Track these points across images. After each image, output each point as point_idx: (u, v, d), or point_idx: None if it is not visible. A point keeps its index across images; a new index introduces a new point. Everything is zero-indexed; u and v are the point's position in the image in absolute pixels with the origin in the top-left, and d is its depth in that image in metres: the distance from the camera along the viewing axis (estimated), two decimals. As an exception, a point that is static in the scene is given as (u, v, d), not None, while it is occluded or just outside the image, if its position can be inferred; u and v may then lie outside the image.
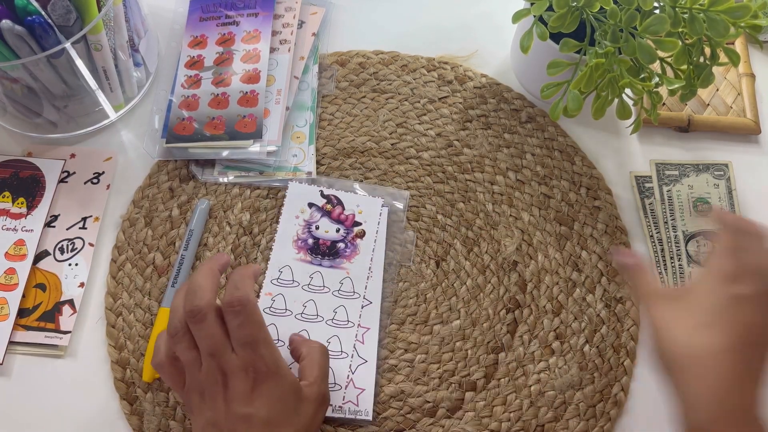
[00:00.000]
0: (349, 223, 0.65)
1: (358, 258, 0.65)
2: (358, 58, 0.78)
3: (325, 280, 0.64)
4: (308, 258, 0.64)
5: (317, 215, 0.66)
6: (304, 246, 0.65)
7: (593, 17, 0.59)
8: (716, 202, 0.70)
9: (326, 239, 0.65)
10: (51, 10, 0.60)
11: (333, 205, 0.66)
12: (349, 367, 0.61)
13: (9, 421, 0.60)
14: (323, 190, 0.67)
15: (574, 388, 0.62)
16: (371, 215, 0.66)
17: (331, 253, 0.65)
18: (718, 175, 0.71)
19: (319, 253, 0.65)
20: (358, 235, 0.65)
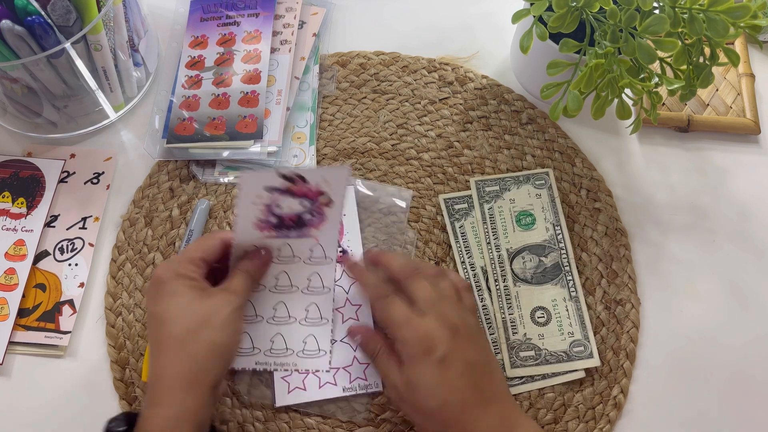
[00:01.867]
0: (313, 195, 0.58)
1: (327, 225, 0.59)
2: (359, 58, 0.78)
3: (294, 250, 0.60)
4: (273, 234, 0.59)
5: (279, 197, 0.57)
6: (267, 225, 0.58)
7: (593, 17, 0.59)
8: (539, 213, 0.68)
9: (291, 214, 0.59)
10: (51, 10, 0.60)
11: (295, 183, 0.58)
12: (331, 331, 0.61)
13: (9, 421, 0.60)
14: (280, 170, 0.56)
15: (574, 390, 0.62)
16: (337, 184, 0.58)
17: (298, 224, 0.59)
18: (539, 185, 0.69)
19: (284, 227, 0.59)
20: (324, 203, 0.59)
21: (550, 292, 0.65)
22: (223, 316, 0.52)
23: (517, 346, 0.63)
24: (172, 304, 0.52)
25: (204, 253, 0.56)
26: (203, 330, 0.51)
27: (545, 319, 0.64)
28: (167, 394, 0.50)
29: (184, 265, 0.54)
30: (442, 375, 0.51)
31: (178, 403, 0.49)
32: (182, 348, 0.51)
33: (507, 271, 0.66)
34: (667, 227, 0.70)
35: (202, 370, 0.51)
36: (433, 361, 0.51)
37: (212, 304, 0.52)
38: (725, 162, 0.73)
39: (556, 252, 0.66)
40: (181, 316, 0.52)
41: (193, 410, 0.50)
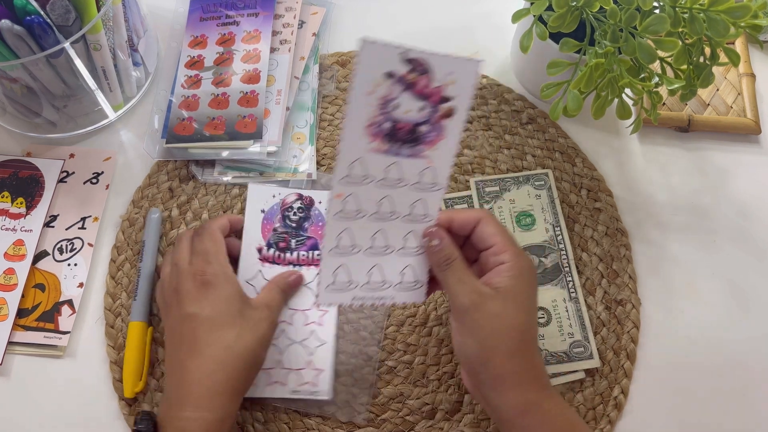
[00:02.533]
0: (435, 99, 0.51)
1: (443, 144, 0.53)
2: (359, 58, 0.78)
3: (403, 172, 0.53)
4: (384, 147, 0.52)
5: (397, 89, 0.50)
6: (379, 132, 0.51)
7: (593, 17, 0.59)
8: (539, 213, 0.68)
9: (406, 121, 0.51)
10: (50, 10, 0.59)
11: (419, 73, 0.50)
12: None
13: (8, 422, 0.60)
14: (407, 52, 0.49)
15: (575, 390, 0.62)
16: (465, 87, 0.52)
17: (412, 138, 0.52)
18: (538, 186, 0.69)
19: (397, 139, 0.52)
20: (445, 114, 0.52)
21: (550, 292, 0.65)
22: (263, 331, 0.55)
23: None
24: (221, 310, 0.54)
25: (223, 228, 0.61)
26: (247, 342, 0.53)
27: (545, 320, 0.64)
28: (209, 398, 0.51)
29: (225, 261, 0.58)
30: (534, 298, 0.53)
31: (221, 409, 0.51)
32: (228, 354, 0.52)
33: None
34: (667, 227, 0.70)
35: (242, 380, 0.53)
36: (535, 281, 0.53)
37: (257, 318, 0.55)
38: (726, 162, 0.73)
39: (555, 253, 0.66)
40: (228, 324, 0.54)
41: (232, 415, 0.52)
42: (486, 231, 0.54)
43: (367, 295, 0.55)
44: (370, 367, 0.62)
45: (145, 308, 0.62)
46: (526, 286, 0.52)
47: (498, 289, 0.51)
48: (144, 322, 0.62)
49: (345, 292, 0.55)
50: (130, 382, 0.59)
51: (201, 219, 0.68)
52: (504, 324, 0.50)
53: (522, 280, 0.52)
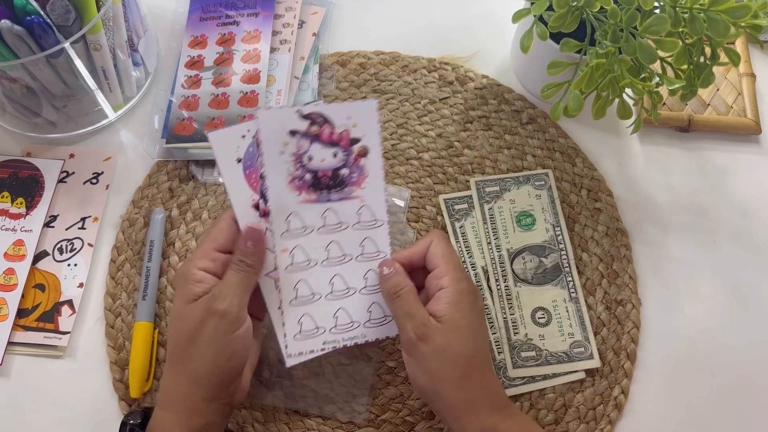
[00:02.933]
0: (345, 143, 0.54)
1: (369, 181, 0.56)
2: (359, 58, 0.78)
3: (340, 215, 0.56)
4: (313, 197, 0.55)
5: (305, 143, 0.54)
6: (303, 184, 0.54)
7: (593, 17, 0.59)
8: (539, 213, 0.68)
9: (325, 169, 0.55)
10: (50, 10, 0.59)
11: (319, 125, 0.54)
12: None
13: (9, 421, 0.60)
14: (301, 110, 0.53)
15: (575, 391, 0.62)
16: (369, 125, 0.55)
17: (337, 183, 0.55)
18: (539, 186, 0.69)
19: (322, 187, 0.55)
20: (360, 154, 0.55)
21: (551, 292, 0.65)
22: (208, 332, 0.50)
23: (518, 346, 0.63)
24: (172, 313, 0.53)
25: (214, 242, 0.54)
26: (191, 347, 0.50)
27: (546, 320, 0.64)
28: (167, 400, 0.51)
29: (195, 261, 0.52)
30: (481, 322, 0.54)
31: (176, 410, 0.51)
32: (176, 360, 0.52)
33: (507, 272, 0.65)
34: (667, 227, 0.70)
35: (195, 384, 0.50)
36: (478, 307, 0.53)
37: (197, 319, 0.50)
38: (726, 162, 0.73)
39: (556, 253, 0.66)
40: (173, 327, 0.52)
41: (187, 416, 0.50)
42: (433, 252, 0.55)
43: (337, 337, 0.56)
44: (371, 368, 0.62)
45: (152, 309, 0.62)
46: (466, 311, 0.52)
47: (440, 319, 0.52)
48: (151, 323, 0.62)
49: (313, 338, 0.56)
50: (138, 383, 0.59)
51: (201, 219, 0.68)
52: (449, 355, 0.51)
53: (462, 306, 0.52)
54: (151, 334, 0.61)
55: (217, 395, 0.51)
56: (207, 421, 0.51)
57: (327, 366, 0.62)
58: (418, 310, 0.52)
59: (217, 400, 0.51)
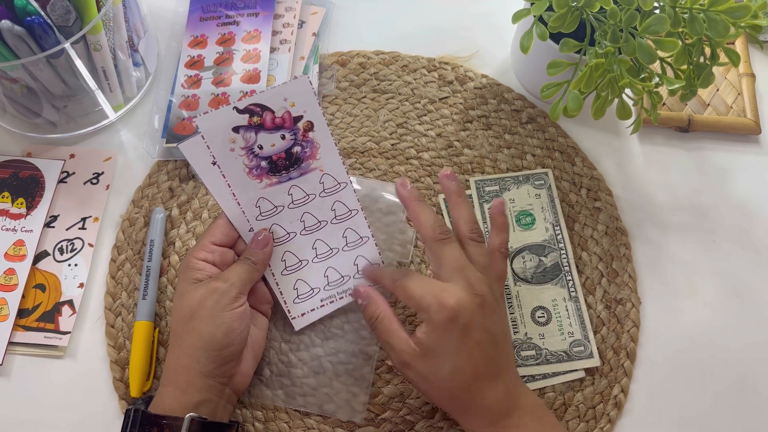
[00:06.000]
0: (289, 123, 0.57)
1: (322, 151, 0.59)
2: (359, 58, 0.78)
3: (305, 189, 0.59)
4: (275, 180, 0.58)
5: (251, 135, 0.56)
6: (262, 171, 0.57)
7: (593, 17, 0.59)
8: (539, 213, 0.68)
9: (277, 152, 0.57)
10: (50, 11, 0.59)
11: (259, 115, 0.56)
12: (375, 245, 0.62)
13: (9, 421, 0.60)
14: (237, 106, 0.56)
15: (574, 389, 0.62)
16: (306, 100, 0.57)
17: (293, 162, 0.58)
18: (538, 185, 0.69)
19: (281, 169, 0.58)
20: (306, 129, 0.57)
21: (550, 292, 0.65)
22: (207, 307, 0.54)
23: (518, 345, 0.63)
24: (175, 297, 0.57)
25: (211, 236, 0.58)
26: (190, 321, 0.54)
27: (545, 319, 0.64)
28: (167, 376, 0.55)
29: (195, 253, 0.57)
30: (461, 343, 0.52)
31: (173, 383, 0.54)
32: (177, 338, 0.55)
33: (507, 271, 0.65)
34: (667, 227, 0.70)
35: (192, 358, 0.53)
36: (454, 329, 0.51)
37: (199, 296, 0.54)
38: (726, 162, 0.73)
39: (555, 252, 0.66)
40: (176, 309, 0.56)
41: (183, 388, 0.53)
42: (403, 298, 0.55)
43: (332, 292, 0.62)
44: (370, 367, 0.62)
45: (152, 308, 0.62)
46: (441, 337, 0.52)
47: (420, 346, 0.53)
48: (151, 322, 0.62)
49: (311, 299, 0.61)
50: (138, 382, 0.59)
51: (201, 218, 0.68)
52: (431, 381, 0.53)
53: (436, 333, 0.52)
54: (151, 334, 0.62)
55: (213, 371, 0.54)
56: (203, 397, 0.53)
57: (327, 365, 0.62)
58: (396, 337, 0.54)
59: (214, 377, 0.54)
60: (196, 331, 0.54)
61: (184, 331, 0.54)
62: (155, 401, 0.54)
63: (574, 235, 0.68)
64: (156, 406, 0.53)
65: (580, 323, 0.63)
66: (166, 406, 0.53)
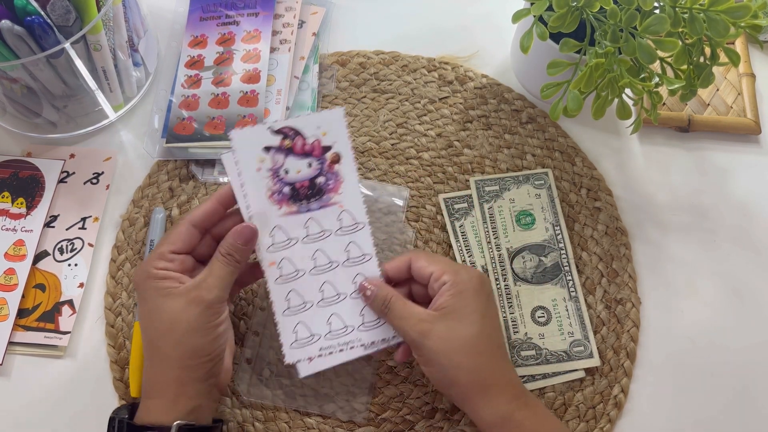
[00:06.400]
0: (318, 152, 0.57)
1: (345, 186, 0.58)
2: (359, 58, 0.78)
3: (322, 223, 0.58)
4: (294, 208, 0.57)
5: (280, 157, 0.56)
6: (283, 197, 0.57)
7: (593, 17, 0.59)
8: (539, 213, 0.68)
9: (302, 180, 0.57)
10: (50, 10, 0.59)
11: (291, 138, 0.56)
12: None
13: (9, 421, 0.60)
14: (272, 126, 0.56)
15: (574, 389, 0.62)
16: (338, 132, 0.57)
17: (315, 192, 0.57)
18: (538, 185, 0.69)
19: (302, 198, 0.57)
20: (333, 161, 0.57)
21: (550, 291, 0.65)
22: (191, 320, 0.51)
23: (518, 345, 0.63)
24: (144, 309, 0.53)
25: (171, 245, 0.54)
26: (172, 334, 0.52)
27: (545, 319, 0.64)
28: (152, 388, 0.53)
29: (152, 263, 0.53)
30: (488, 306, 0.53)
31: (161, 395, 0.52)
32: (157, 350, 0.52)
33: (507, 271, 0.65)
34: (667, 227, 0.70)
35: (181, 368, 0.52)
36: (484, 292, 0.54)
37: (178, 307, 0.52)
38: (726, 162, 0.73)
39: (555, 252, 0.66)
40: (150, 321, 0.53)
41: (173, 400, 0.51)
42: (419, 265, 0.56)
43: (332, 342, 0.58)
44: (371, 367, 0.62)
45: None
46: (470, 298, 0.53)
47: (442, 311, 0.52)
48: None
49: (310, 346, 0.57)
50: (138, 382, 0.59)
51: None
52: (455, 343, 0.52)
53: (464, 295, 0.53)
54: (151, 334, 0.61)
55: (203, 375, 0.52)
56: (196, 403, 0.52)
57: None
58: (410, 311, 0.54)
59: (204, 381, 0.53)
60: (182, 344, 0.51)
61: (167, 344, 0.52)
62: (140, 416, 0.52)
63: (574, 235, 0.68)
64: (141, 421, 0.51)
65: (580, 323, 0.63)
66: (153, 420, 0.51)
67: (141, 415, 0.52)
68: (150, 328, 0.53)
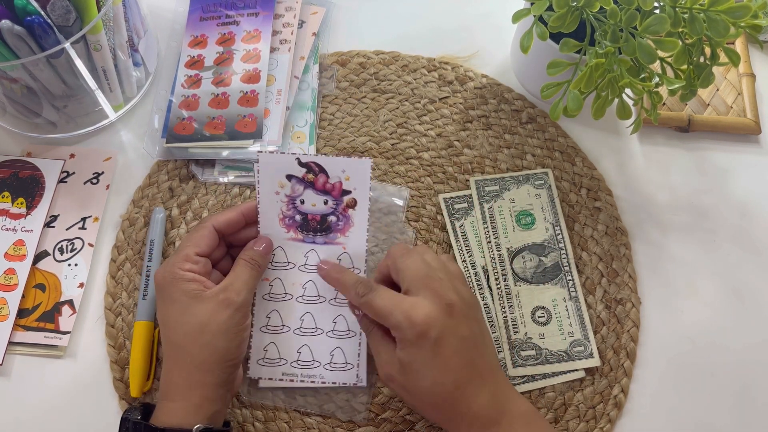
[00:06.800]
0: (337, 193, 0.59)
1: (353, 231, 0.60)
2: (359, 58, 0.78)
3: (321, 257, 0.60)
4: (300, 236, 0.60)
5: (299, 188, 0.59)
6: (293, 224, 0.59)
7: (593, 17, 0.59)
8: (539, 213, 0.68)
9: (315, 213, 0.59)
10: (50, 10, 0.59)
11: (315, 173, 0.59)
12: (359, 344, 0.60)
13: (9, 421, 0.60)
14: (300, 158, 0.58)
15: (574, 389, 0.62)
16: (360, 180, 0.59)
17: (323, 228, 0.60)
18: (538, 185, 0.69)
19: (310, 229, 0.60)
20: (348, 205, 0.59)
21: (550, 291, 0.65)
22: (220, 322, 0.53)
23: (518, 345, 0.63)
24: (172, 311, 0.54)
25: (196, 247, 0.56)
26: (201, 336, 0.52)
27: (545, 319, 0.64)
28: (175, 392, 0.52)
29: (179, 264, 0.55)
30: (435, 356, 0.50)
31: (185, 399, 0.52)
32: (184, 353, 0.53)
33: (507, 271, 0.65)
34: (667, 227, 0.70)
35: (207, 372, 0.52)
36: (427, 343, 0.50)
37: (208, 310, 0.53)
38: (726, 162, 0.73)
39: (555, 252, 0.66)
40: (179, 323, 0.53)
41: (199, 405, 0.52)
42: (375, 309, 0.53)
43: (297, 371, 0.60)
44: (371, 367, 0.62)
45: (152, 308, 0.62)
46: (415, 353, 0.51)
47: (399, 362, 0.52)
48: (151, 322, 0.62)
49: (274, 367, 0.60)
50: (138, 382, 0.59)
51: (201, 218, 0.68)
52: (414, 392, 0.52)
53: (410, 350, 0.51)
54: (151, 334, 0.62)
55: (226, 380, 0.53)
56: (216, 408, 0.53)
57: (327, 365, 0.62)
58: (383, 349, 0.54)
59: (225, 385, 0.53)
60: (210, 346, 0.52)
61: (194, 347, 0.52)
62: (160, 418, 0.52)
63: (574, 235, 0.68)
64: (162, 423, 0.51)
65: (580, 323, 0.63)
66: (175, 423, 0.51)
67: (161, 417, 0.52)
68: (177, 330, 0.53)
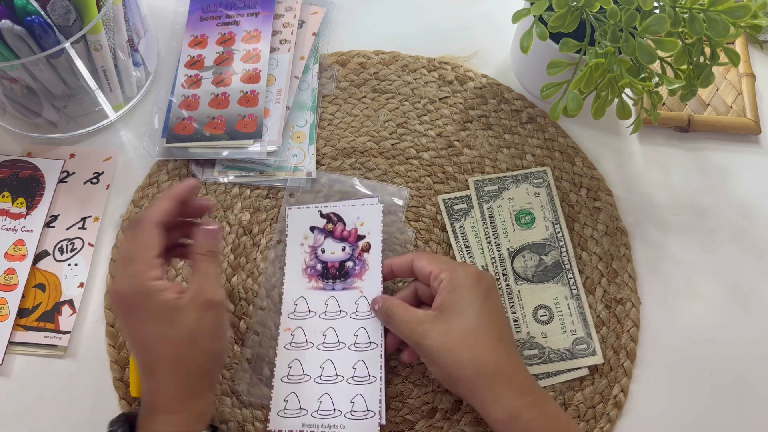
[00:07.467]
0: (353, 239, 0.64)
1: (369, 274, 0.63)
2: (359, 58, 0.78)
3: (340, 304, 0.62)
4: (320, 285, 0.63)
5: (321, 238, 0.65)
6: (314, 273, 0.64)
7: (593, 17, 0.59)
8: (538, 211, 0.68)
9: (334, 261, 0.64)
10: (50, 10, 0.59)
11: (333, 223, 0.65)
12: (380, 390, 0.59)
13: (9, 421, 0.60)
14: (321, 210, 0.66)
15: (574, 389, 0.62)
16: (372, 223, 0.65)
17: (342, 274, 0.63)
18: (537, 183, 0.69)
19: (329, 277, 0.63)
20: (363, 249, 0.64)
21: (552, 290, 0.65)
22: (209, 326, 0.51)
23: (521, 344, 0.63)
24: (152, 327, 0.50)
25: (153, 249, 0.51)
26: (195, 344, 0.50)
27: (547, 318, 0.64)
28: (172, 403, 0.50)
29: (144, 274, 0.50)
30: (485, 301, 0.54)
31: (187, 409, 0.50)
32: (178, 365, 0.50)
33: (508, 270, 0.65)
34: (667, 227, 0.70)
35: (205, 377, 0.52)
36: (480, 288, 0.55)
37: (193, 318, 0.50)
38: (725, 162, 0.73)
39: (556, 250, 0.66)
40: (165, 337, 0.50)
41: (202, 412, 0.51)
42: (420, 265, 0.58)
43: (317, 422, 0.58)
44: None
45: None
46: (465, 293, 0.54)
47: (439, 309, 0.54)
48: None
49: (295, 418, 0.59)
50: (138, 381, 0.59)
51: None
52: (453, 338, 0.52)
53: (459, 290, 0.54)
54: (151, 334, 0.61)
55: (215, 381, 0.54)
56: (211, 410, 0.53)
57: (327, 365, 0.62)
58: (411, 315, 0.55)
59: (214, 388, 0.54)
60: (206, 351, 0.51)
61: (190, 355, 0.50)
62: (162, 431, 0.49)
63: (574, 235, 0.68)
64: None
65: (582, 321, 0.63)
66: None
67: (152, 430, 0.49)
68: (164, 344, 0.50)
